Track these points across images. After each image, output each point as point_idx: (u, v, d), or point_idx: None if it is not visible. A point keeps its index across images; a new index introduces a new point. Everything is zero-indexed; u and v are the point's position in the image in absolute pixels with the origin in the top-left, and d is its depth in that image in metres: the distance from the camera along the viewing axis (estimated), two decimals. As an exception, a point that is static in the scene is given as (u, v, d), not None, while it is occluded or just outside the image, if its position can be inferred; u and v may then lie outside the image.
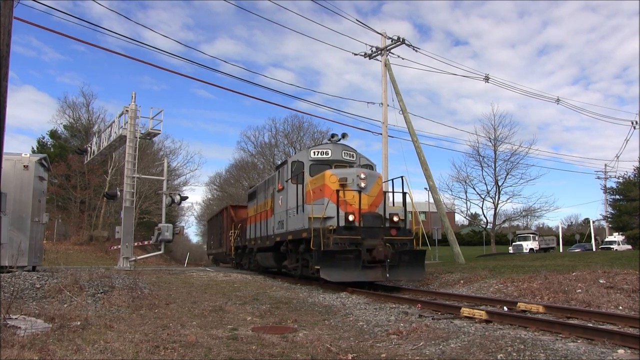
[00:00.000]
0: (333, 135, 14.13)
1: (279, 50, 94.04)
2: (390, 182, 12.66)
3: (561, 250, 43.96)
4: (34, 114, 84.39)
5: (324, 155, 13.42)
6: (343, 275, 10.23)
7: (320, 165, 13.05)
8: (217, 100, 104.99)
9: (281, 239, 13.62)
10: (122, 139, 22.45)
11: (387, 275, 10.47)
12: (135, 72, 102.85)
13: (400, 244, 11.19)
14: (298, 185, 12.45)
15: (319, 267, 10.31)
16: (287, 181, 13.50)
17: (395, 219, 11.57)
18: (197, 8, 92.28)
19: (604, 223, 51.86)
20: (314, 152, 13.52)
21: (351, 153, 13.79)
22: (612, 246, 39.41)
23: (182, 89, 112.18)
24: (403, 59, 21.75)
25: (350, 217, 10.84)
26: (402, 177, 12.09)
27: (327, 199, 11.39)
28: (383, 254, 10.44)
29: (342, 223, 10.77)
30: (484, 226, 40.78)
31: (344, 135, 14.07)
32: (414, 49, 21.40)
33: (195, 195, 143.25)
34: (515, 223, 48.32)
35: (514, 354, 4.42)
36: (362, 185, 11.52)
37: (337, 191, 11.02)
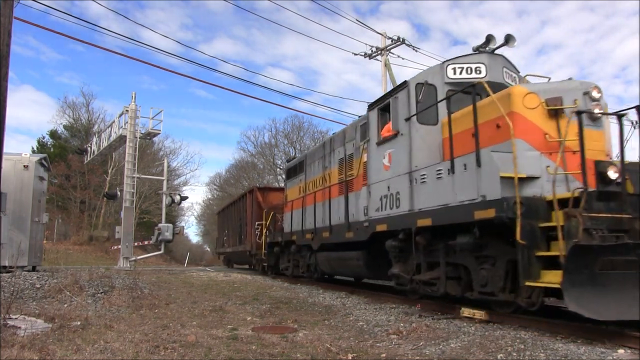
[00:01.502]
0: (488, 39, 7.80)
1: (277, 50, 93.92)
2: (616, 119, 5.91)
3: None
4: (33, 114, 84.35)
5: (473, 74, 7.59)
6: (622, 307, 4.71)
7: (464, 93, 7.00)
8: (216, 100, 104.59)
9: (394, 226, 7.77)
10: (122, 139, 22.50)
11: None
12: (134, 72, 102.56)
13: None
14: (450, 122, 6.84)
15: (554, 285, 4.96)
16: (407, 120, 7.69)
17: None
18: (195, 8, 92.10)
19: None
20: (455, 69, 7.73)
21: (514, 75, 7.97)
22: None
23: (181, 88, 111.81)
24: (403, 59, 21.78)
25: (613, 173, 5.48)
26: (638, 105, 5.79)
27: (521, 142, 5.83)
28: None
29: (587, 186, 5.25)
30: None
31: (508, 39, 7.72)
32: (414, 49, 21.40)
33: (195, 195, 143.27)
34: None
35: (514, 354, 4.42)
36: (597, 111, 5.97)
37: (580, 115, 5.50)
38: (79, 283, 9.07)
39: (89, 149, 27.02)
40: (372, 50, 21.60)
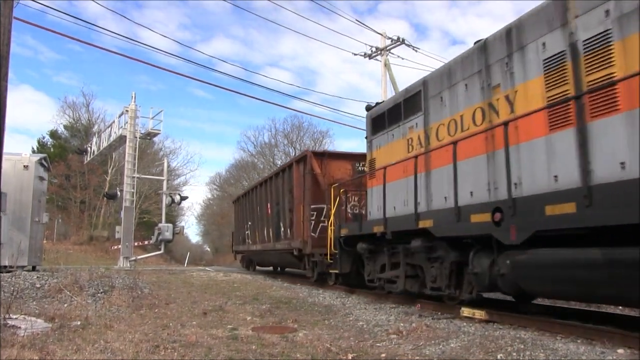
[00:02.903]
0: None
1: (275, 50, 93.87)
2: None
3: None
4: (32, 114, 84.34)
5: None
6: None
7: None
8: (215, 100, 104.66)
9: None
10: (122, 139, 22.54)
11: None
12: (132, 72, 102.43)
13: None
14: None
15: None
16: None
17: None
18: (192, 7, 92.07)
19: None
20: None
21: None
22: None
23: (180, 88, 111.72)
24: (403, 59, 21.82)
25: None
26: None
27: None
28: None
29: None
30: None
31: None
32: (413, 49, 21.41)
33: (195, 195, 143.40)
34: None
35: (514, 354, 4.42)
36: None
37: None
38: (79, 283, 9.07)
39: (89, 149, 27.09)
40: (372, 51, 21.61)
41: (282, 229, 14.13)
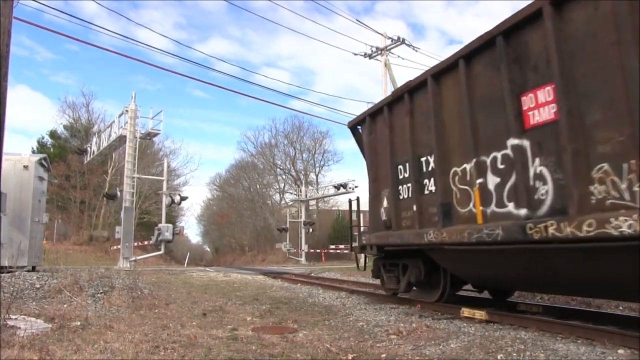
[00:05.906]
0: None
1: (272, 50, 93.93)
2: None
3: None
4: (30, 114, 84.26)
5: None
6: None
7: None
8: (213, 100, 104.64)
9: None
10: (122, 139, 22.54)
11: None
12: (130, 72, 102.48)
13: None
14: None
15: None
16: None
17: None
18: (189, 7, 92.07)
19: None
20: None
21: None
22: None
23: (178, 88, 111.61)
24: (403, 59, 21.86)
25: None
26: None
27: None
28: None
29: None
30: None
31: None
32: (413, 49, 21.42)
33: (195, 196, 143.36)
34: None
35: (514, 354, 4.42)
36: None
37: None
38: (78, 283, 9.07)
39: (88, 149, 27.10)
40: (372, 50, 21.61)
41: None
